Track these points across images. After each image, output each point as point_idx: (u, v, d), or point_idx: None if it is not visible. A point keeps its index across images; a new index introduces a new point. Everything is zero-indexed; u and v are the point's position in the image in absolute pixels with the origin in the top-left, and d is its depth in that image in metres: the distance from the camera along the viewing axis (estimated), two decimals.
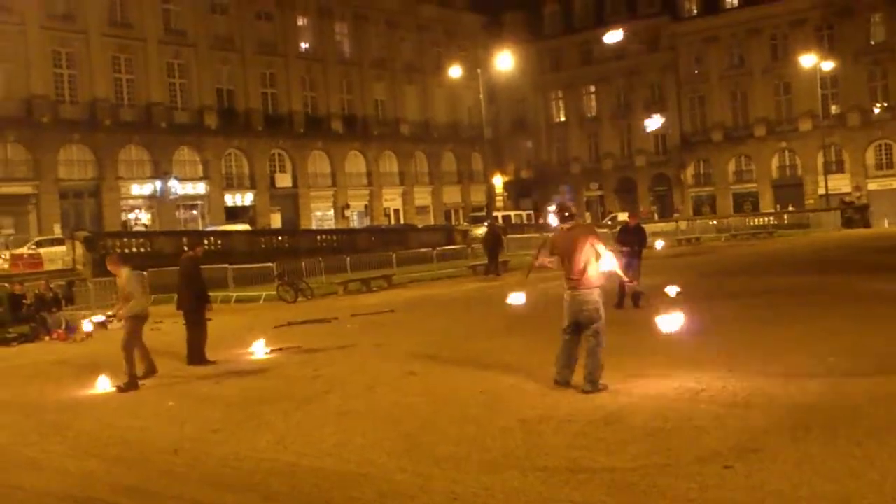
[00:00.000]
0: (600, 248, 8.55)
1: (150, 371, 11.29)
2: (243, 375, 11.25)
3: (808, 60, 56.68)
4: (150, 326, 12.67)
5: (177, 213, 48.92)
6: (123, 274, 11.22)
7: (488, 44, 64.75)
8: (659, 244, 11.83)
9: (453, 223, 58.99)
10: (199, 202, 50.38)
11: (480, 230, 50.70)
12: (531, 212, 68.05)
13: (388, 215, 60.26)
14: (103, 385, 10.86)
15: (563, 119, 75.15)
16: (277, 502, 5.91)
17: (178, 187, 48.09)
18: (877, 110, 61.04)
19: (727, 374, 8.77)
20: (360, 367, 11.11)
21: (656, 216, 64.97)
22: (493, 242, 28.43)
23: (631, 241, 15.44)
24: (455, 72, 56.30)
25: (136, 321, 11.17)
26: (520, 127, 76.50)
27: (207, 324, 12.91)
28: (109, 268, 11.70)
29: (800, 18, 62.31)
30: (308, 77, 56.09)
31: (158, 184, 47.49)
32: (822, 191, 57.90)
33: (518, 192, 75.88)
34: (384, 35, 60.53)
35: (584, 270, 8.48)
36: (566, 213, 8.94)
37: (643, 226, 17.07)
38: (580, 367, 8.60)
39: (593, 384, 8.37)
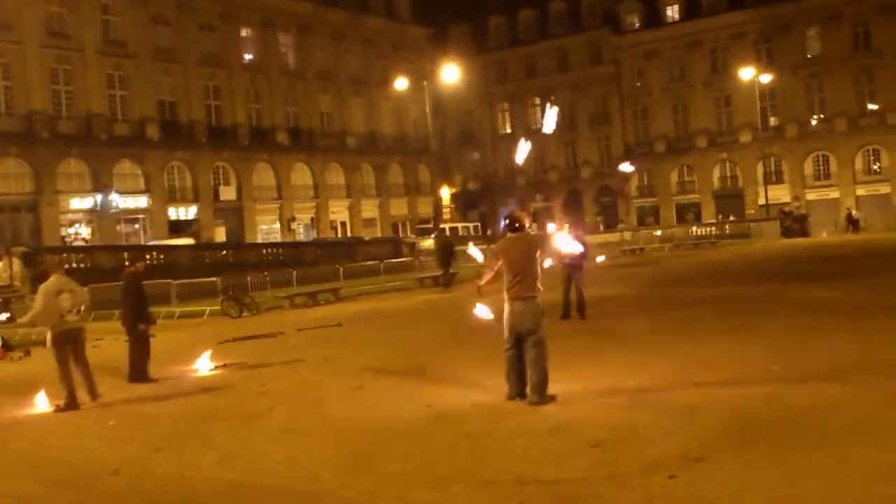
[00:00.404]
0: (541, 257, 8.67)
1: (90, 395, 10.73)
2: (187, 392, 11.06)
3: (747, 73, 57.96)
4: (90, 343, 12.38)
5: (118, 228, 48.03)
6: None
7: (434, 56, 64.97)
8: (601, 258, 11.88)
9: (401, 235, 58.91)
10: (140, 216, 49.56)
11: (428, 242, 50.88)
12: (478, 224, 68.37)
13: (334, 228, 59.96)
14: (41, 404, 10.59)
15: (509, 131, 75.64)
16: None
17: (118, 201, 47.25)
18: (814, 122, 62.62)
19: (672, 384, 8.87)
20: (306, 383, 11.00)
21: (602, 227, 65.71)
22: (446, 253, 28.60)
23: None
24: (401, 84, 56.38)
25: (55, 339, 10.64)
26: (466, 139, 76.84)
27: (150, 340, 12.68)
28: None
29: (739, 32, 63.71)
30: (252, 89, 55.65)
31: (99, 197, 46.60)
32: (762, 201, 59.16)
33: (465, 203, 76.19)
34: (329, 47, 60.36)
35: (525, 280, 8.50)
36: (516, 224, 8.94)
37: (584, 237, 17.22)
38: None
39: (540, 395, 8.38)
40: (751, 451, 6.30)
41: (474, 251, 10.80)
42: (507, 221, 9.03)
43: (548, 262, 9.08)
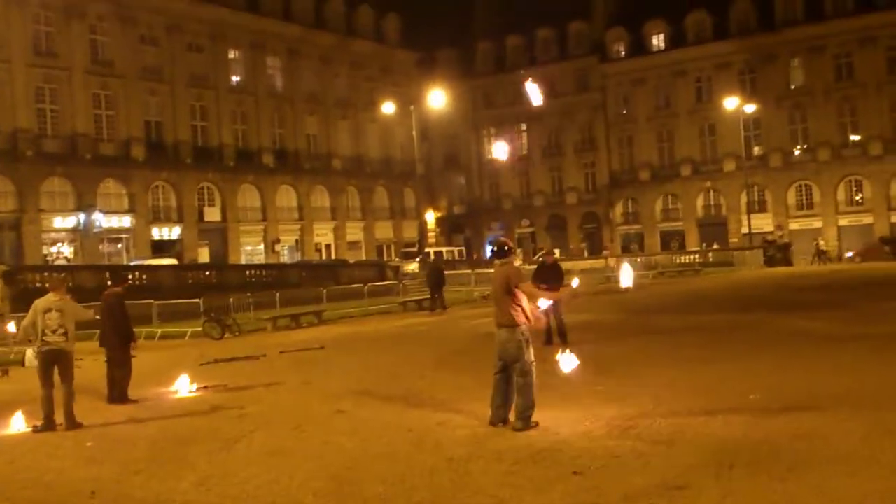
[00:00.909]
0: (517, 288, 8.62)
1: (66, 421, 10.34)
2: (166, 414, 10.97)
3: (731, 103, 58.46)
4: None
5: (101, 247, 47.75)
6: None
7: (421, 80, 65.24)
8: (575, 282, 11.95)
9: (385, 259, 58.88)
10: (124, 236, 49.31)
11: (412, 266, 50.87)
12: (463, 248, 68.44)
13: (319, 250, 59.82)
14: (18, 425, 10.47)
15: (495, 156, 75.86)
16: None
17: (102, 220, 47.00)
18: (797, 152, 63.18)
19: (653, 412, 8.88)
20: (287, 406, 10.94)
21: (586, 253, 65.90)
22: (436, 278, 28.70)
23: (548, 279, 15.62)
24: (388, 107, 56.54)
25: (38, 357, 10.54)
26: (452, 163, 77.05)
27: (132, 361, 12.59)
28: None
29: (724, 62, 64.33)
30: (239, 110, 55.68)
31: (82, 217, 46.35)
32: (745, 230, 59.47)
33: (450, 227, 76.28)
34: (317, 70, 60.53)
35: (504, 308, 8.58)
36: (503, 251, 9.03)
37: (559, 263, 17.28)
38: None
39: (525, 422, 8.42)
40: (731, 478, 6.31)
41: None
42: (495, 248, 9.16)
43: (543, 304, 9.29)
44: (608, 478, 6.57)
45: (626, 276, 9.89)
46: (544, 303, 9.37)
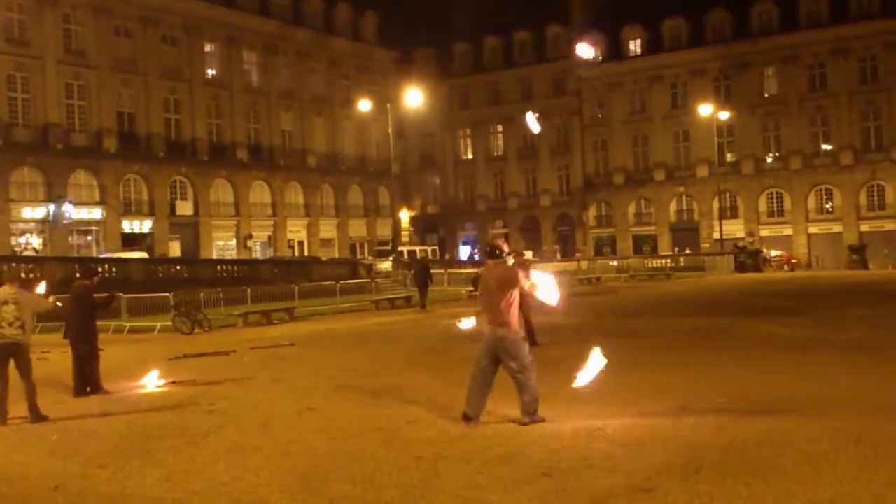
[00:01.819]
0: (526, 283, 8.92)
1: (30, 414, 10.19)
2: (133, 409, 10.85)
3: (705, 109, 58.99)
4: (36, 356, 12.14)
5: (70, 239, 47.26)
6: None
7: (398, 79, 65.21)
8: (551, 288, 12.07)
9: (358, 257, 58.71)
10: (94, 228, 48.83)
11: (386, 264, 50.77)
12: (436, 248, 68.42)
13: (291, 247, 59.58)
14: None
15: (470, 157, 75.99)
16: None
17: (72, 212, 46.50)
18: (769, 160, 63.80)
19: (622, 414, 8.92)
20: (256, 402, 10.86)
21: (559, 255, 66.13)
22: (423, 276, 29.11)
23: None
24: (364, 105, 56.41)
25: None
26: (427, 163, 77.02)
27: (99, 355, 12.46)
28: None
29: (699, 69, 64.83)
30: (214, 104, 55.31)
31: (52, 207, 45.85)
32: (716, 235, 59.99)
33: (424, 227, 76.23)
34: (294, 66, 60.29)
35: (498, 308, 8.63)
36: (497, 251, 9.09)
37: (528, 264, 17.30)
38: (498, 401, 8.70)
39: (531, 416, 8.58)
40: (698, 481, 6.34)
41: None
42: (488, 248, 9.24)
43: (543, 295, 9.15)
44: (577, 479, 6.58)
45: (549, 290, 9.51)
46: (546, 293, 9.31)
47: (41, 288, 11.20)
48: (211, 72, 55.58)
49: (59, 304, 11.10)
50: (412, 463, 7.27)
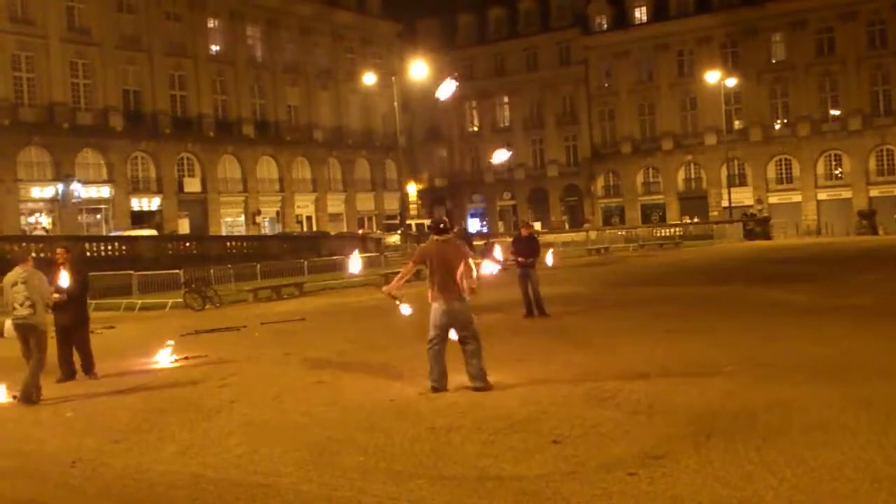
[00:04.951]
0: (471, 262, 9.28)
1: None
2: (146, 385, 10.93)
3: (712, 77, 58.54)
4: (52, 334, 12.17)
5: (79, 218, 47.39)
6: None
7: (403, 52, 64.83)
8: (549, 260, 11.93)
9: (367, 230, 58.73)
10: (103, 206, 48.94)
11: (394, 238, 50.79)
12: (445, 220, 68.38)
13: (300, 222, 59.65)
14: None
15: (476, 129, 75.74)
16: None
17: (80, 191, 46.59)
18: (777, 126, 63.41)
19: (631, 382, 8.95)
20: (268, 377, 10.94)
21: (567, 226, 66.06)
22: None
23: (524, 252, 15.67)
24: (369, 79, 56.16)
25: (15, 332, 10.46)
26: (434, 135, 76.81)
27: (104, 334, 12.47)
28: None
29: (706, 36, 64.30)
30: (219, 80, 55.15)
31: (60, 187, 45.94)
32: (725, 203, 59.81)
33: (432, 200, 76.18)
34: (298, 40, 59.99)
35: (452, 282, 8.97)
36: (441, 226, 9.39)
37: (535, 236, 17.26)
38: (502, 371, 8.89)
39: (484, 381, 8.94)
40: (709, 448, 6.38)
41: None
42: (432, 224, 9.44)
43: (488, 268, 9.89)
44: (587, 447, 6.62)
45: (492, 262, 10.31)
46: (490, 266, 10.15)
47: (63, 279, 10.97)
48: (215, 47, 55.37)
49: (56, 294, 10.90)
50: (424, 434, 7.33)
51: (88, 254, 32.97)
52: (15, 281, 10.27)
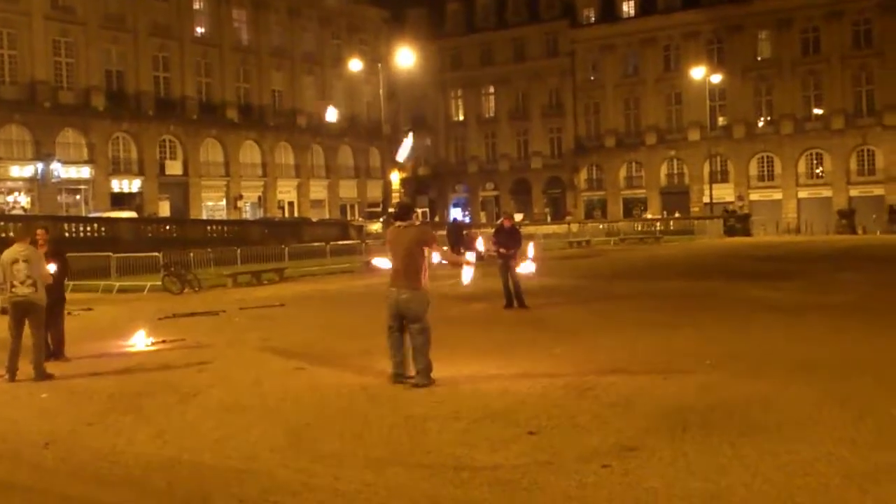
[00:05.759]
0: (428, 251, 8.89)
1: (34, 371, 10.16)
2: (123, 368, 10.86)
3: (698, 72, 58.73)
4: None
5: (59, 198, 47.02)
6: None
7: (390, 39, 64.62)
8: (531, 253, 11.95)
9: (349, 218, 58.60)
10: (82, 187, 48.58)
11: (376, 226, 50.67)
12: (427, 209, 68.33)
13: (281, 208, 59.43)
14: None
15: (461, 118, 75.70)
16: (155, 498, 5.74)
17: (60, 171, 46.19)
18: (760, 124, 63.74)
19: (609, 374, 8.99)
20: (246, 362, 10.90)
21: (549, 218, 66.17)
22: (456, 235, 29.34)
23: (505, 243, 15.67)
24: (355, 65, 55.95)
25: (7, 309, 10.38)
26: (418, 124, 76.59)
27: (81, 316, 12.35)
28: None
29: (692, 31, 64.49)
30: (203, 62, 54.79)
31: (40, 166, 45.53)
32: (706, 199, 60.09)
33: (415, 189, 76.01)
34: (284, 24, 59.66)
35: (410, 270, 8.71)
36: (406, 212, 9.22)
37: (517, 228, 17.23)
38: (480, 361, 8.74)
39: (427, 378, 8.69)
40: (684, 441, 6.41)
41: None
42: (395, 210, 9.26)
43: (436, 258, 9.33)
44: (563, 438, 6.65)
45: (529, 265, 10.29)
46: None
47: (52, 268, 10.89)
48: (200, 29, 54.98)
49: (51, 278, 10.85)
50: (401, 421, 7.33)
51: (67, 234, 32.81)
52: (15, 258, 10.12)
